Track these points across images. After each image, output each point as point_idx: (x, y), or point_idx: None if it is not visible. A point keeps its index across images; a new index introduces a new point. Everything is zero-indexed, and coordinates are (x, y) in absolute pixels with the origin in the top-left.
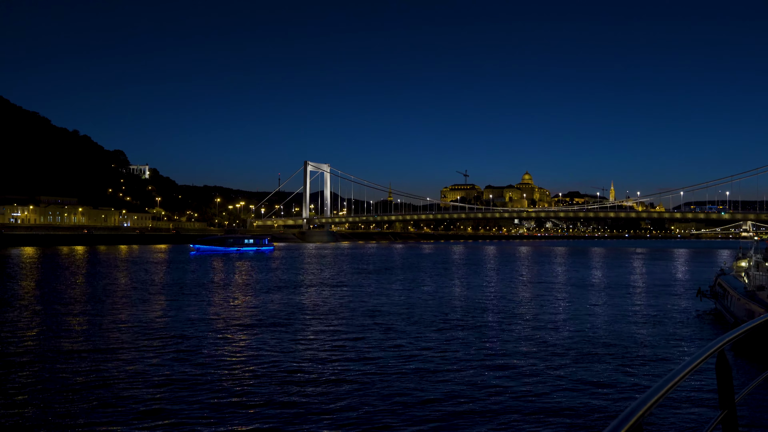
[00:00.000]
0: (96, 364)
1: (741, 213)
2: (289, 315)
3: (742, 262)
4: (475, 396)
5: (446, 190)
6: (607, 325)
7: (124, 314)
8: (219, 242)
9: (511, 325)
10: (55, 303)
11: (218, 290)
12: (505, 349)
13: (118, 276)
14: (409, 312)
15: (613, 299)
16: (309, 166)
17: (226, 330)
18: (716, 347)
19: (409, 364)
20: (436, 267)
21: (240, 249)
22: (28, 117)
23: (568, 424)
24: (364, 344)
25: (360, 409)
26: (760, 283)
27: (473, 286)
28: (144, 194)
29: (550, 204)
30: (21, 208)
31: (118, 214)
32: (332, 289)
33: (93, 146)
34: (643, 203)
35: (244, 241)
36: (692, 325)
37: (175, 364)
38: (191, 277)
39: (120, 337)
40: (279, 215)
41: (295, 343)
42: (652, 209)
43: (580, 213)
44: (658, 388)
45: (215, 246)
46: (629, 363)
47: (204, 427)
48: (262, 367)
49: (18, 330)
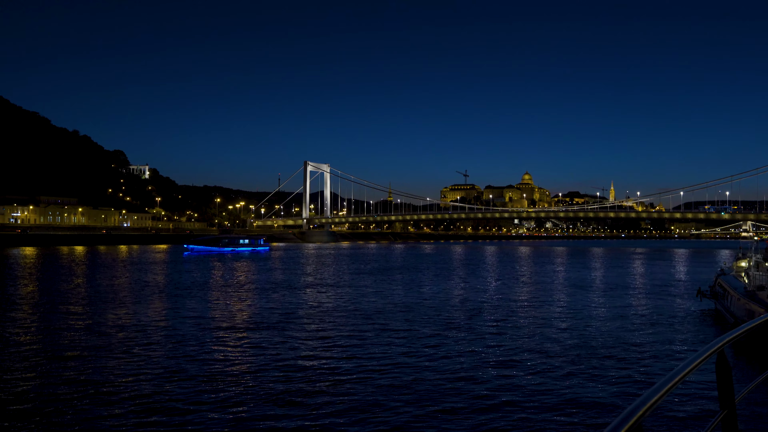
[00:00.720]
0: (89, 364)
1: (741, 213)
2: (284, 316)
3: (742, 262)
4: (474, 396)
5: (446, 190)
6: (606, 325)
7: (111, 316)
8: (213, 242)
9: (511, 325)
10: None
11: (209, 292)
12: (505, 349)
13: (110, 277)
14: (408, 313)
15: (612, 299)
16: (309, 166)
17: (220, 332)
18: (716, 347)
19: (408, 364)
20: (435, 267)
21: (235, 249)
22: (28, 117)
23: (568, 424)
24: (363, 345)
25: (357, 409)
26: (760, 283)
27: (473, 286)
28: (144, 194)
29: (550, 204)
30: (21, 208)
31: (118, 215)
32: (330, 290)
33: (93, 146)
34: (643, 203)
35: (239, 242)
36: (692, 325)
37: (168, 365)
38: (184, 278)
39: (105, 341)
40: (279, 215)
41: (290, 345)
42: (652, 209)
43: (580, 213)
44: (658, 388)
45: (209, 246)
46: (629, 363)
47: (201, 427)
48: (257, 369)
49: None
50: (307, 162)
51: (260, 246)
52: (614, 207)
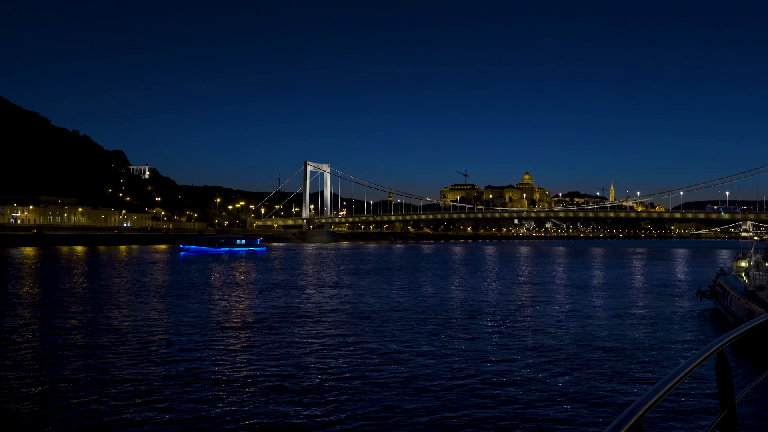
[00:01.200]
0: (69, 366)
1: (741, 213)
2: (281, 318)
3: (742, 262)
4: (474, 396)
5: (446, 190)
6: (606, 325)
7: (97, 319)
8: (209, 243)
9: (511, 325)
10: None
11: (203, 293)
12: (505, 349)
13: (98, 278)
14: (407, 313)
15: (612, 299)
16: (309, 166)
17: (216, 333)
18: (716, 347)
19: (407, 365)
20: (435, 268)
21: (231, 250)
22: (28, 117)
23: (568, 424)
24: (361, 346)
25: (355, 412)
26: (760, 283)
27: (473, 286)
28: (144, 194)
29: (549, 204)
30: (21, 208)
31: (117, 215)
32: (328, 291)
33: (93, 146)
34: (642, 203)
35: (236, 242)
36: (692, 325)
37: (158, 369)
38: (177, 279)
39: (94, 342)
40: (279, 215)
41: (288, 346)
42: (652, 209)
43: (580, 213)
44: (658, 388)
45: (205, 247)
46: (629, 363)
47: (196, 426)
48: (252, 371)
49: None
50: (307, 162)
51: (257, 246)
52: (614, 207)
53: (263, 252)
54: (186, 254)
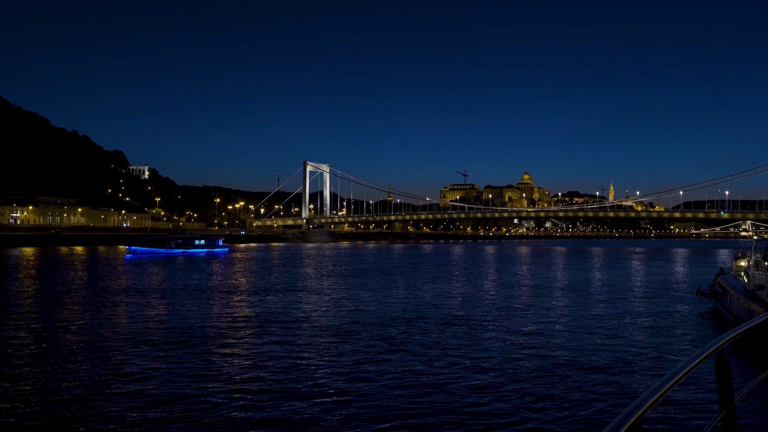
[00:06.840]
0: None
1: (740, 212)
2: (280, 318)
3: (741, 262)
4: (474, 396)
5: (446, 190)
6: (606, 324)
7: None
8: (160, 243)
9: (511, 325)
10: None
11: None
12: (504, 349)
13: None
14: (407, 313)
15: (612, 299)
16: (308, 166)
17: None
18: (716, 347)
19: (406, 365)
20: (435, 268)
21: (186, 251)
22: (27, 117)
23: (567, 423)
24: (359, 348)
25: (354, 409)
26: (759, 282)
27: (472, 286)
28: (143, 194)
29: (549, 204)
30: (20, 208)
31: (117, 215)
32: (326, 291)
33: (92, 146)
34: (642, 203)
35: (193, 242)
36: (692, 324)
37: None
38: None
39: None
40: (278, 215)
41: (284, 347)
42: (652, 209)
43: (580, 213)
44: (658, 388)
45: (155, 248)
46: (629, 362)
47: (191, 425)
48: (247, 374)
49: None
50: (307, 162)
51: (218, 247)
52: (614, 207)
53: (225, 254)
54: (132, 257)
